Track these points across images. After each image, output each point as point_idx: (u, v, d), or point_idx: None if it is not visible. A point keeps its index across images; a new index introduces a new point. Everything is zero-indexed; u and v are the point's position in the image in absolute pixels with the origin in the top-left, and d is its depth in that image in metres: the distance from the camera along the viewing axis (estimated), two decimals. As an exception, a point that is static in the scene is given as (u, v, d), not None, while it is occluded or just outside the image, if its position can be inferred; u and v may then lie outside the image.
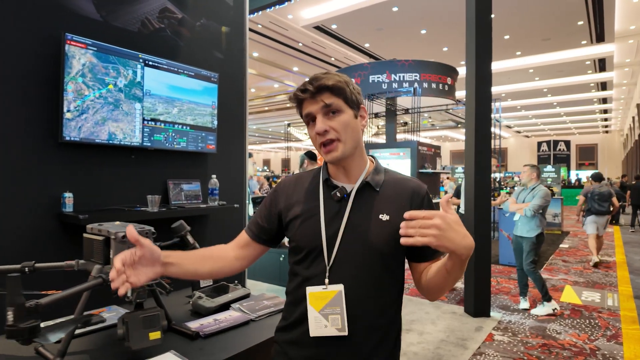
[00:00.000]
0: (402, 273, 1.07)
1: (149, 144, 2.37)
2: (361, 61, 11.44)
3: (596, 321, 4.31)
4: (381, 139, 15.05)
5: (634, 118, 18.63)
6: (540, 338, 3.84)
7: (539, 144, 21.92)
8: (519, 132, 28.02)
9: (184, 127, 2.57)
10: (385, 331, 1.01)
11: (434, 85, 7.81)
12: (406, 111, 9.43)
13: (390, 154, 7.88)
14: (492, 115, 5.01)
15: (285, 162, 30.78)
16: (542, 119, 23.13)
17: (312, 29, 10.02)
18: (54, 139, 2.02)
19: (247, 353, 1.26)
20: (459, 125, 15.53)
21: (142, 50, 2.33)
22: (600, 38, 10.59)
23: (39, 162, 1.98)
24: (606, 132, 27.51)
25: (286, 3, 5.75)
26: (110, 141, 2.19)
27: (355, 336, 0.97)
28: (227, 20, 2.94)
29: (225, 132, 2.87)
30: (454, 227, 0.83)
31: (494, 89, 4.74)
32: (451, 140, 29.46)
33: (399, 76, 7.78)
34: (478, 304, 4.38)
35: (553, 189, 11.84)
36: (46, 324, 1.02)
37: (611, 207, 7.10)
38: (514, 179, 16.15)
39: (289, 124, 15.07)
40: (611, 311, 4.64)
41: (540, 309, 4.52)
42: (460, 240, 0.84)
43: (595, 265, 6.86)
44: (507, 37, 10.17)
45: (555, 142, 21.65)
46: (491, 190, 4.61)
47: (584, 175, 19.83)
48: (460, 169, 13.68)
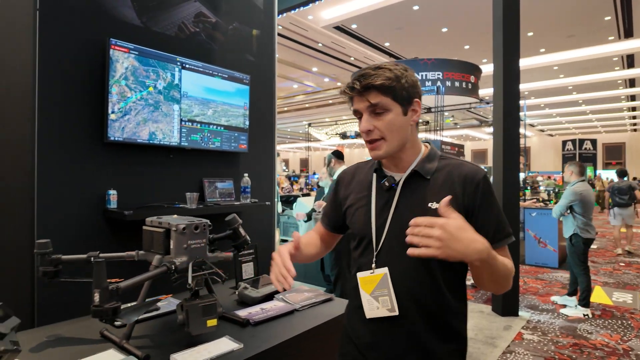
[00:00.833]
0: (456, 262, 1.02)
1: (187, 144, 2.47)
2: (381, 61, 11.42)
3: (629, 322, 4.22)
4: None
5: (664, 115, 17.99)
6: (571, 338, 3.79)
7: (564, 143, 21.39)
8: (543, 131, 27.40)
9: (218, 128, 2.65)
10: (436, 314, 1.01)
11: (457, 84, 7.76)
12: (428, 110, 9.39)
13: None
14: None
15: (303, 162, 30.91)
16: (567, 117, 22.56)
17: (332, 29, 10.07)
18: (99, 139, 2.13)
19: (296, 340, 1.32)
20: (483, 124, 15.31)
21: (179, 53, 2.43)
22: (628, 33, 10.29)
23: (87, 162, 2.09)
24: (634, 131, 26.65)
25: (310, 5, 5.81)
26: (151, 141, 2.29)
27: (406, 317, 1.00)
28: (258, 23, 3.02)
29: (255, 132, 2.94)
30: (456, 236, 0.82)
31: (518, 87, 4.71)
32: (472, 139, 29.04)
33: (421, 75, 7.76)
34: (506, 303, 4.35)
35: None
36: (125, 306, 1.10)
37: (634, 200, 7.47)
38: (536, 178, 15.80)
39: (309, 124, 15.15)
40: (644, 312, 4.54)
41: (571, 310, 4.45)
42: (465, 248, 0.83)
43: (623, 254, 7.00)
44: (531, 34, 10.00)
45: (581, 141, 21.08)
46: (519, 190, 4.58)
47: (609, 174, 19.25)
48: (482, 167, 13.46)
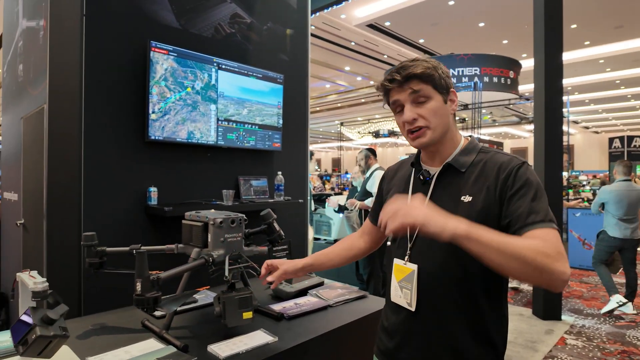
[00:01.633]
0: None
1: (223, 143, 2.52)
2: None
3: (684, 330, 3.94)
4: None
5: None
6: (619, 344, 3.58)
7: (611, 140, 20.21)
8: (587, 128, 26.07)
9: (253, 127, 2.70)
10: (467, 316, 0.98)
11: (495, 79, 7.51)
12: (465, 107, 9.14)
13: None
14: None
15: (335, 162, 30.89)
16: (614, 113, 21.35)
17: (365, 27, 10.00)
18: (141, 139, 2.21)
19: (330, 335, 1.33)
20: (522, 121, 14.72)
21: (216, 54, 2.48)
22: (683, 22, 9.61)
23: (129, 160, 2.18)
24: (690, 126, 24.87)
25: (343, 3, 5.79)
26: (189, 140, 2.36)
27: (423, 315, 1.01)
28: (291, 23, 3.04)
29: (288, 131, 2.97)
30: (415, 207, 0.86)
31: (560, 82, 4.50)
32: (511, 137, 28.03)
33: (458, 71, 7.57)
34: (548, 306, 4.17)
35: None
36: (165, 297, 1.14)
37: None
38: (578, 177, 15.05)
39: (341, 123, 15.12)
40: (702, 320, 4.22)
41: (606, 306, 4.34)
42: (424, 217, 0.83)
43: None
44: (574, 27, 9.54)
45: (630, 138, 19.83)
46: (562, 190, 4.39)
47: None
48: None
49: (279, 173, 2.80)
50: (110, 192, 2.10)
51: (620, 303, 4.26)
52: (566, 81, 14.51)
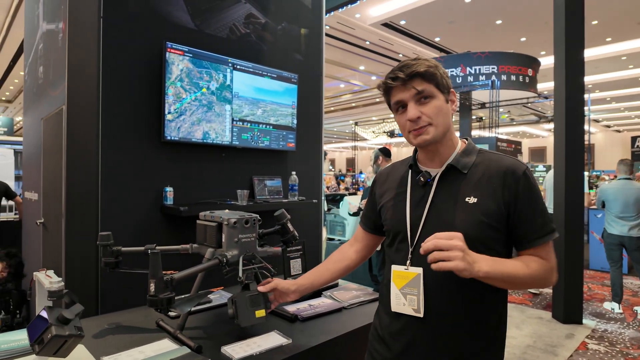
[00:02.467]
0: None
1: (238, 143, 2.53)
2: (431, 56, 11.12)
3: None
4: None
5: None
6: (643, 350, 3.47)
7: (633, 139, 19.60)
8: (609, 127, 25.41)
9: (268, 127, 2.70)
10: (474, 317, 0.98)
11: (513, 77, 7.36)
12: (482, 105, 9.00)
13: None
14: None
15: (350, 162, 30.82)
16: (637, 111, 20.76)
17: (380, 27, 9.93)
18: (157, 139, 2.23)
19: (344, 338, 1.31)
20: (541, 120, 14.42)
21: (231, 54, 2.49)
22: None
23: (146, 160, 2.20)
24: None
25: (358, 2, 5.75)
26: (205, 140, 2.37)
27: (431, 320, 0.98)
28: (306, 22, 3.03)
29: (303, 131, 2.96)
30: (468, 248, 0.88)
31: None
32: (529, 136, 27.52)
33: (475, 69, 7.44)
34: (568, 310, 4.06)
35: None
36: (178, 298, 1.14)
37: None
38: (599, 177, 14.64)
39: (355, 123, 15.07)
40: None
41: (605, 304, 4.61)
42: (473, 262, 0.87)
43: None
44: (595, 23, 9.30)
45: (654, 137, 19.26)
46: (583, 190, 4.26)
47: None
48: (540, 167, 12.74)
49: (293, 173, 2.79)
50: (127, 192, 2.12)
51: (612, 309, 4.44)
52: (587, 79, 14.11)
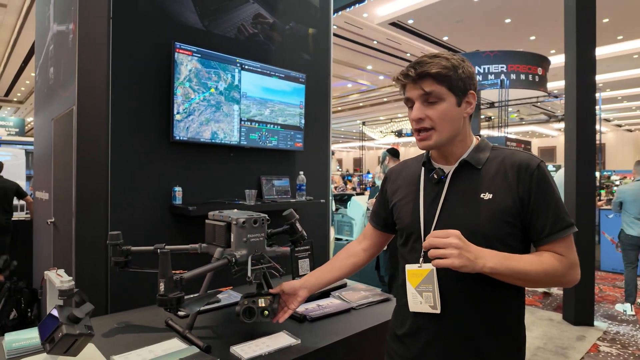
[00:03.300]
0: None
1: (246, 143, 2.53)
2: (439, 56, 11.01)
3: None
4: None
5: None
6: (656, 353, 3.41)
7: (646, 139, 19.40)
8: (620, 126, 25.08)
9: (275, 127, 2.69)
10: (490, 313, 0.96)
11: (522, 77, 7.29)
12: (491, 105, 8.92)
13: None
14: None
15: (357, 162, 30.76)
16: (649, 110, 20.49)
17: (388, 26, 9.89)
18: (166, 139, 2.24)
19: (353, 338, 1.30)
20: (551, 120, 14.27)
21: (239, 55, 2.49)
22: None
23: (155, 160, 2.21)
24: None
25: (366, 1, 5.74)
26: (213, 140, 2.38)
27: (449, 317, 0.96)
28: (314, 22, 3.03)
29: (310, 131, 2.96)
30: (467, 245, 0.88)
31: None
32: (539, 135, 27.24)
33: (484, 68, 7.39)
34: (579, 311, 4.01)
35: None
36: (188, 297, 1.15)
37: None
38: (610, 177, 14.46)
39: (363, 123, 15.04)
40: None
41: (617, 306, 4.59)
42: (475, 258, 0.87)
43: None
44: (606, 21, 9.18)
45: (666, 136, 18.97)
46: (595, 190, 4.22)
47: None
48: (550, 166, 12.63)
49: (301, 173, 2.79)
50: (136, 192, 2.13)
51: (624, 311, 4.42)
52: (598, 77, 13.94)
